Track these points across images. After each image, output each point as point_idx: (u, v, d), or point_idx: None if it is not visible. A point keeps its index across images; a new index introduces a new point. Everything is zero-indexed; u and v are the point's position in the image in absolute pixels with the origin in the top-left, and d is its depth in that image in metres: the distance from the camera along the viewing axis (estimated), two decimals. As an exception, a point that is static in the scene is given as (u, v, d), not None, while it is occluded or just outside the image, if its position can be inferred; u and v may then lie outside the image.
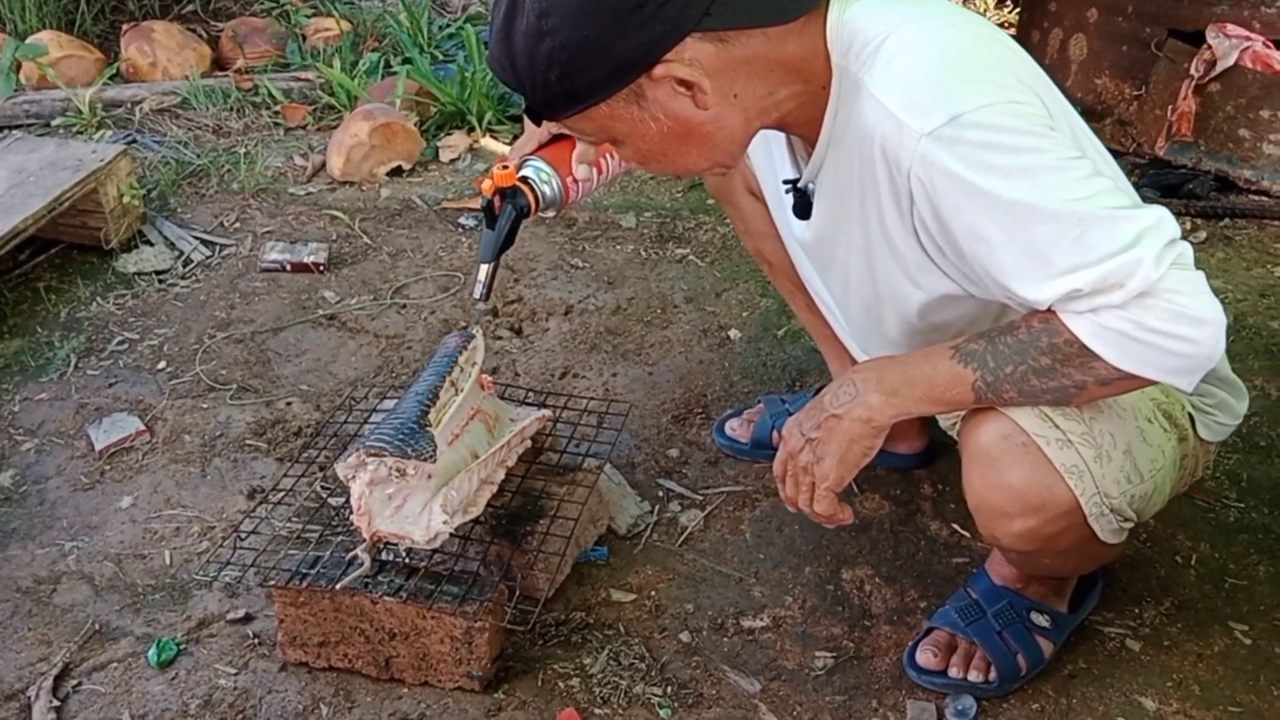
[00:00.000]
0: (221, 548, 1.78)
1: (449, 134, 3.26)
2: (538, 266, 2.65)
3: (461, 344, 1.73)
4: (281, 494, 1.89)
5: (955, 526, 1.92)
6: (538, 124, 1.43)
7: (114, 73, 3.50)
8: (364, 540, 1.59)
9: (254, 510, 1.88)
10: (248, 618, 1.76)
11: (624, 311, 2.50)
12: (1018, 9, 3.77)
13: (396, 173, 3.07)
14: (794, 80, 1.32)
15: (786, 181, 1.52)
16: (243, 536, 1.75)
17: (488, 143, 3.25)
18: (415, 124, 3.16)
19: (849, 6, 1.31)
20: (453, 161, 3.15)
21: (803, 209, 1.50)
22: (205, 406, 2.22)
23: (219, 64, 3.65)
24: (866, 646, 1.72)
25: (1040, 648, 1.65)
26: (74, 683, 1.67)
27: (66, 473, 2.06)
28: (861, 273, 1.46)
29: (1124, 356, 1.21)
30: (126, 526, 1.95)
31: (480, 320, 1.80)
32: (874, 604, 1.79)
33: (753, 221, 1.87)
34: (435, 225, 2.85)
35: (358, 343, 2.41)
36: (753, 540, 1.91)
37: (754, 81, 1.30)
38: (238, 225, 2.84)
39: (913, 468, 2.03)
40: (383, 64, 3.56)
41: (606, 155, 1.65)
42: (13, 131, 2.90)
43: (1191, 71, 2.89)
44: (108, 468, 2.07)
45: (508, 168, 1.61)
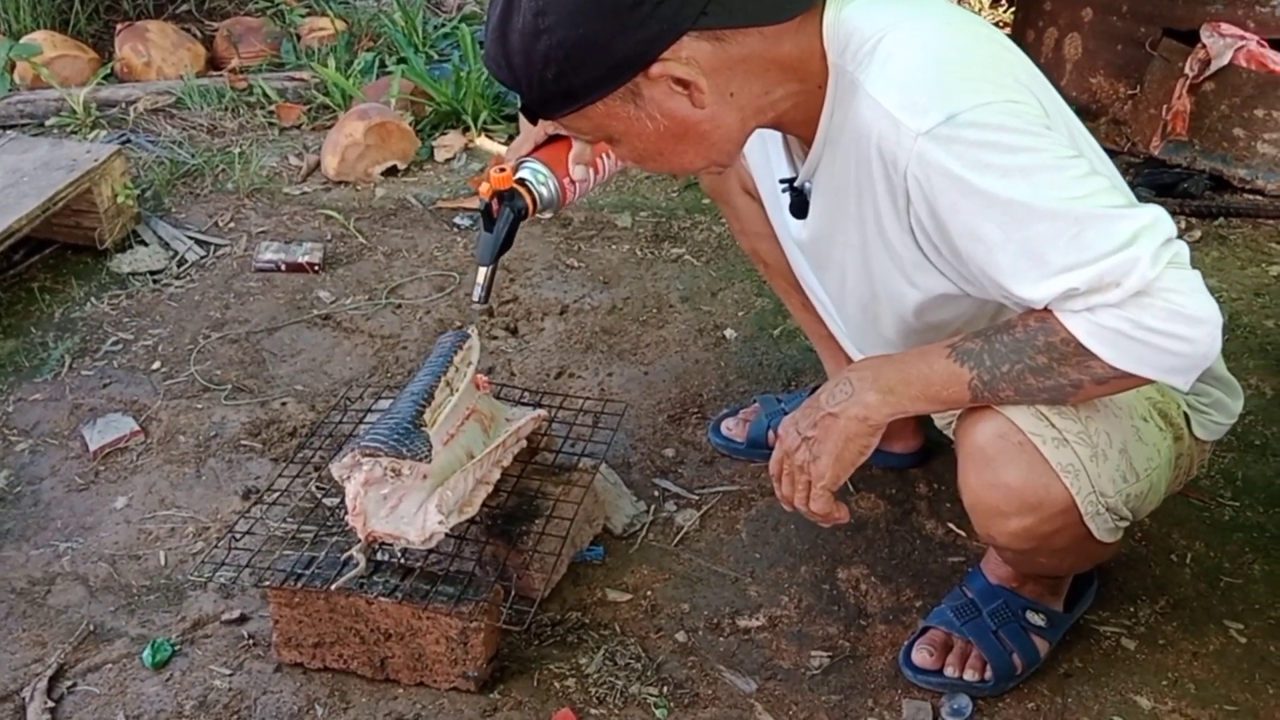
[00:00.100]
0: (216, 548, 1.77)
1: (444, 133, 3.26)
2: (533, 266, 2.65)
3: (457, 344, 1.73)
4: (276, 494, 1.89)
5: (951, 525, 1.92)
6: (534, 123, 1.43)
7: (108, 72, 3.50)
8: (359, 541, 1.59)
9: (249, 511, 1.88)
10: (242, 618, 1.76)
11: (619, 311, 2.49)
12: (1013, 8, 3.77)
13: (391, 172, 3.06)
14: (790, 79, 1.32)
15: (783, 181, 1.52)
16: (237, 537, 1.75)
17: (483, 142, 3.24)
18: (410, 124, 3.16)
19: (845, 6, 1.31)
20: (448, 161, 3.15)
21: (799, 208, 1.50)
22: (200, 407, 2.21)
23: (213, 63, 3.65)
24: (862, 646, 1.72)
25: (1036, 647, 1.65)
26: (68, 684, 1.66)
27: (61, 473, 2.06)
28: (858, 272, 1.46)
29: (1120, 355, 1.22)
30: (121, 527, 1.94)
31: (476, 320, 1.79)
32: (870, 603, 1.79)
33: (748, 221, 1.86)
34: (430, 225, 2.84)
35: (353, 343, 2.40)
36: (748, 540, 1.91)
37: (750, 80, 1.30)
38: (232, 225, 2.83)
39: (908, 467, 2.03)
40: (378, 63, 3.55)
41: (603, 155, 1.65)
42: (7, 131, 2.89)
43: (1186, 71, 2.89)
44: (102, 468, 2.07)
45: (504, 170, 1.61)
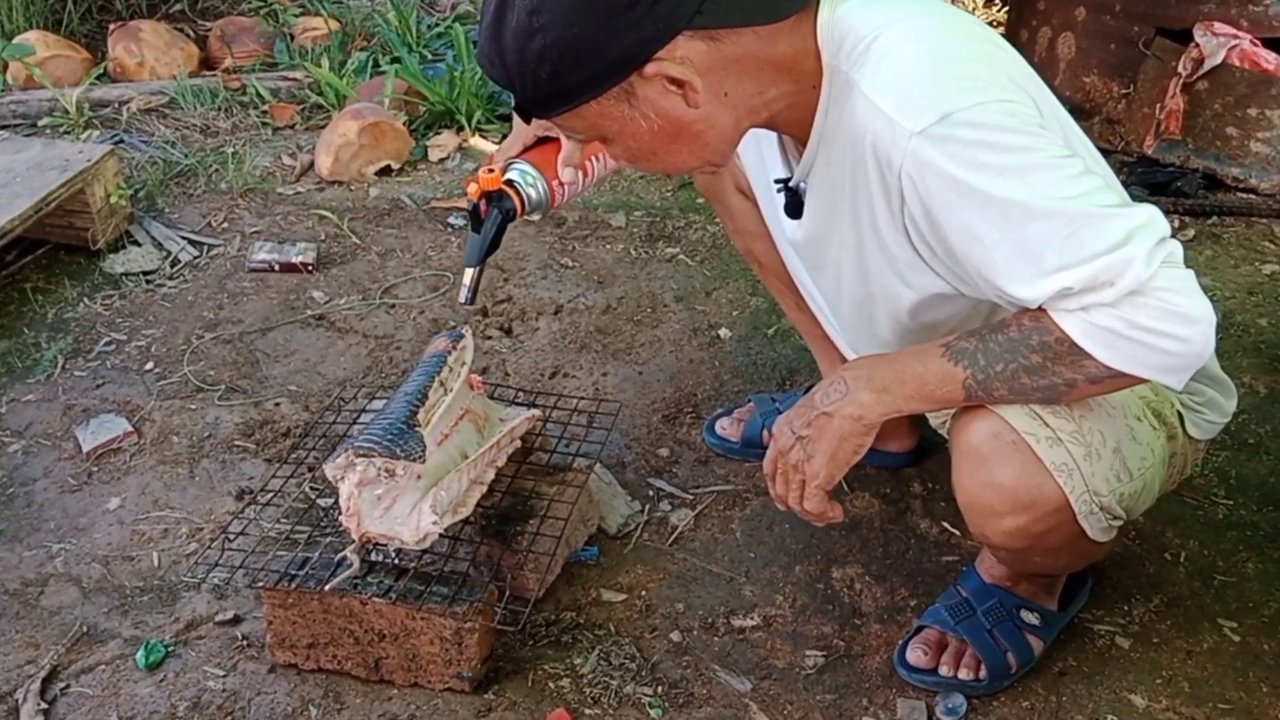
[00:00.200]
0: (210, 549, 1.77)
1: (438, 133, 3.25)
2: (527, 266, 2.65)
3: (450, 344, 1.73)
4: (270, 495, 1.88)
5: (945, 524, 1.92)
6: (527, 122, 1.43)
7: (101, 72, 3.49)
8: (353, 541, 1.59)
9: (242, 511, 1.87)
10: (236, 619, 1.75)
11: (614, 311, 2.49)
12: (1006, 7, 3.78)
13: (385, 172, 3.06)
14: (785, 79, 1.32)
15: (778, 181, 1.52)
16: (231, 538, 1.75)
17: (477, 142, 3.24)
18: (404, 123, 3.16)
19: (840, 5, 1.31)
20: (442, 161, 3.15)
21: (794, 208, 1.50)
22: (193, 407, 2.21)
23: (206, 63, 3.64)
24: (857, 645, 1.72)
25: (1030, 645, 1.65)
26: (62, 685, 1.66)
27: (54, 474, 2.05)
28: (853, 272, 1.46)
29: (1115, 355, 1.22)
30: (114, 528, 1.94)
31: (469, 320, 1.79)
32: (864, 602, 1.79)
33: (743, 220, 1.86)
34: (424, 225, 2.84)
35: (346, 343, 2.40)
36: (743, 539, 1.91)
37: (745, 80, 1.30)
38: (226, 225, 2.83)
39: (903, 466, 2.03)
40: (371, 63, 3.55)
41: (592, 158, 1.64)
42: (-1, 131, 2.89)
43: (1179, 70, 2.90)
44: (95, 469, 2.06)
45: (493, 171, 1.61)
